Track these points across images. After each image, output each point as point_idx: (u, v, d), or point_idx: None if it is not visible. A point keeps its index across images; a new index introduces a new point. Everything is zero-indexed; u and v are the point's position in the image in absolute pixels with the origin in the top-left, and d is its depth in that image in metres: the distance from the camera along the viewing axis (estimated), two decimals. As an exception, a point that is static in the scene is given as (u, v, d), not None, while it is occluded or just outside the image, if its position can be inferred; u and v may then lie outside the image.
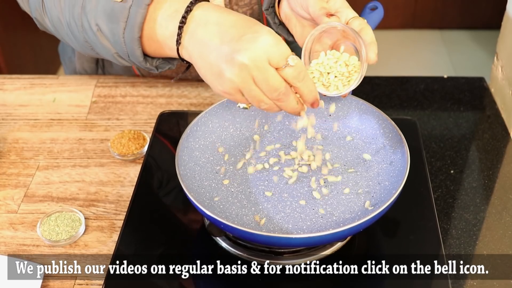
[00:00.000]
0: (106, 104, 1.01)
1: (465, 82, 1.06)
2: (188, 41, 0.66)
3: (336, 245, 0.73)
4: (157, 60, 0.74)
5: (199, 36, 0.65)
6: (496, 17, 1.49)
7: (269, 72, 0.62)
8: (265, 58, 0.61)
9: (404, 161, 0.72)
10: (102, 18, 0.70)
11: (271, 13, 0.78)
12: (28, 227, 0.80)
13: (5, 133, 0.96)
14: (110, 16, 0.69)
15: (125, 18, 0.69)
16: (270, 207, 0.72)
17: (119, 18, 0.69)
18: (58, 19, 0.77)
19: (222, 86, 0.64)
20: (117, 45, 0.71)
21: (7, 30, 1.99)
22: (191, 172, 0.74)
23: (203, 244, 0.75)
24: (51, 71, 2.29)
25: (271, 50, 0.61)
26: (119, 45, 0.71)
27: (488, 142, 0.94)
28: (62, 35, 0.80)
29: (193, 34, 0.66)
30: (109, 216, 0.81)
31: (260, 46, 0.61)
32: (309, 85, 0.64)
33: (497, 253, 0.76)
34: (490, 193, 0.85)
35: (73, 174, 0.88)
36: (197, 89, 1.03)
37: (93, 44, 0.74)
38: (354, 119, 0.81)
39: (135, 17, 0.68)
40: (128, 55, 0.72)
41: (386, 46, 2.56)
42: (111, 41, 0.71)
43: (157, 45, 0.70)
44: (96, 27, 0.71)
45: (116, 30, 0.70)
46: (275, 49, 0.62)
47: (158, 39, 0.69)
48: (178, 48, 0.67)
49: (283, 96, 0.63)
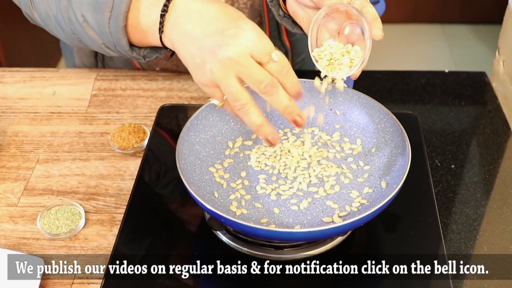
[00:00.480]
0: (106, 98, 1.01)
1: (466, 76, 1.05)
2: (170, 30, 0.67)
3: (336, 240, 0.72)
4: (144, 50, 0.74)
5: (181, 26, 0.66)
6: (498, 11, 1.49)
7: (253, 66, 0.61)
8: (248, 54, 0.61)
9: (405, 155, 0.71)
10: (87, 9, 0.71)
11: (275, 5, 0.78)
12: (28, 220, 0.80)
13: (5, 126, 0.95)
14: (95, 6, 0.70)
15: (109, 8, 0.69)
16: (271, 201, 0.72)
17: (104, 8, 0.69)
18: (46, 13, 0.78)
19: (201, 77, 0.64)
20: (103, 35, 0.72)
21: (7, 23, 1.98)
22: (191, 166, 0.74)
23: (203, 238, 0.75)
24: (51, 64, 2.29)
25: (254, 47, 0.61)
26: (105, 36, 0.71)
27: (489, 137, 0.93)
28: (51, 29, 0.80)
29: (175, 23, 0.66)
30: (109, 210, 0.81)
31: (243, 42, 0.61)
32: (292, 79, 0.64)
33: (497, 248, 0.76)
34: (491, 188, 0.85)
35: (73, 167, 0.88)
36: (198, 82, 1.03)
37: (80, 35, 0.75)
38: (355, 113, 0.81)
39: (120, 7, 0.69)
40: (114, 45, 0.72)
41: (387, 41, 2.55)
42: (97, 32, 0.72)
43: (142, 34, 0.71)
44: (82, 18, 0.72)
45: (102, 21, 0.70)
46: (259, 45, 0.61)
47: (142, 28, 0.70)
48: (161, 37, 0.68)
49: (270, 88, 0.62)
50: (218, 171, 0.76)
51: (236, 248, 0.72)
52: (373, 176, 0.75)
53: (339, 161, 0.77)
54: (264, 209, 0.71)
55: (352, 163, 0.77)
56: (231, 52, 0.61)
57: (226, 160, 0.78)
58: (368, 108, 0.79)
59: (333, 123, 0.82)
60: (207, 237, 0.74)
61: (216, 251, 0.73)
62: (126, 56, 0.74)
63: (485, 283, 0.71)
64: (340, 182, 0.74)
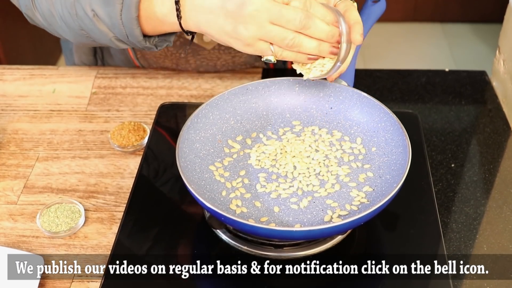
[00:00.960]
0: (106, 96, 1.01)
1: (466, 75, 1.05)
2: (190, 13, 0.68)
3: (336, 238, 0.72)
4: (154, 39, 0.74)
5: (199, 5, 0.67)
6: (498, 10, 1.48)
7: (280, 7, 0.64)
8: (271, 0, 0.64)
9: (405, 154, 0.71)
10: (97, 3, 0.71)
11: None
12: (28, 218, 0.80)
13: (4, 124, 0.95)
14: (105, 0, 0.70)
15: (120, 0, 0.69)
16: (271, 200, 0.72)
17: (115, 0, 0.69)
18: (50, 13, 0.77)
19: (241, 41, 0.66)
20: (115, 27, 0.72)
21: (6, 20, 1.98)
22: (191, 164, 0.74)
23: (203, 236, 0.75)
24: (50, 62, 2.29)
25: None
26: (117, 28, 0.72)
27: (489, 136, 0.93)
28: (55, 28, 0.80)
29: (193, 4, 0.68)
30: (109, 208, 0.81)
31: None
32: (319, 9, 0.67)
33: (497, 247, 0.76)
34: (491, 187, 0.85)
35: (73, 165, 0.88)
36: (198, 80, 1.03)
37: (90, 31, 0.75)
38: (355, 112, 0.80)
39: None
40: (127, 36, 0.73)
41: (387, 39, 2.56)
42: (108, 25, 0.72)
43: (157, 22, 0.72)
44: (92, 12, 0.72)
45: (113, 13, 0.70)
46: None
47: (157, 17, 0.71)
48: (180, 22, 0.69)
49: (306, 21, 0.65)
50: (218, 170, 0.76)
51: (236, 247, 0.72)
52: (373, 175, 0.75)
53: (339, 160, 0.77)
54: (264, 208, 0.71)
55: (352, 162, 0.77)
56: (254, 4, 0.64)
57: (226, 158, 0.78)
58: (369, 107, 0.79)
59: (333, 122, 0.82)
60: (207, 235, 0.74)
61: (215, 249, 0.73)
62: (138, 47, 0.75)
63: (484, 283, 0.71)
64: (340, 181, 0.74)
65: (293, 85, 0.83)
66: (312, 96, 0.82)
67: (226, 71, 1.04)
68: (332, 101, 0.82)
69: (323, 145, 0.79)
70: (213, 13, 0.66)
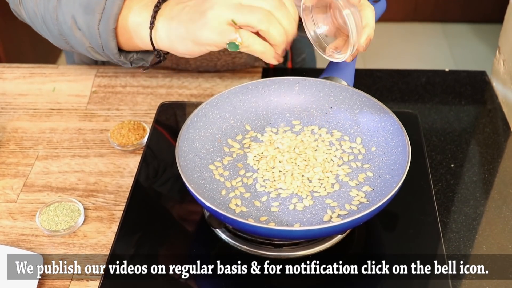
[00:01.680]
0: (106, 94, 1.01)
1: (466, 75, 1.05)
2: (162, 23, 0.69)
3: (335, 238, 0.72)
4: (132, 56, 0.74)
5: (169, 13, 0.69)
6: (498, 10, 1.48)
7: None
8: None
9: (405, 154, 0.71)
10: (78, 11, 0.71)
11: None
12: (27, 217, 0.80)
13: (4, 122, 0.95)
14: (87, 8, 0.70)
15: (101, 9, 0.70)
16: (270, 199, 0.72)
17: (95, 9, 0.70)
18: (34, 12, 0.77)
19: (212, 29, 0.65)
20: (92, 37, 0.72)
21: (6, 19, 1.98)
22: (191, 163, 0.74)
23: (203, 235, 0.75)
24: (50, 60, 2.28)
25: None
26: (94, 38, 0.71)
27: (489, 136, 0.93)
28: (38, 28, 0.81)
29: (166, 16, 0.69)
30: (109, 207, 0.81)
31: None
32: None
33: (496, 247, 0.76)
34: (490, 187, 0.85)
35: (73, 164, 0.88)
36: (198, 80, 1.03)
37: (68, 37, 0.75)
38: (355, 111, 0.80)
39: (111, 8, 0.69)
40: (102, 48, 0.72)
41: (387, 39, 2.56)
42: (86, 34, 0.72)
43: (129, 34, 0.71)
44: (72, 19, 0.72)
45: (92, 22, 0.70)
46: None
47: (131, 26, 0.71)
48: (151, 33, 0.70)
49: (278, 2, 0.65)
50: (217, 169, 0.76)
51: (235, 246, 0.72)
52: (372, 175, 0.75)
53: (339, 159, 0.77)
54: (263, 207, 0.71)
55: (352, 162, 0.77)
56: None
57: (226, 157, 0.78)
58: (368, 106, 0.79)
59: (333, 122, 0.82)
60: (206, 234, 0.74)
61: (215, 249, 0.73)
62: (113, 61, 0.74)
63: (484, 283, 0.71)
64: (339, 181, 0.74)
65: (293, 84, 0.83)
66: (312, 95, 0.82)
67: (226, 70, 1.04)
68: (332, 101, 0.82)
69: (322, 144, 0.79)
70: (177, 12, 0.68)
